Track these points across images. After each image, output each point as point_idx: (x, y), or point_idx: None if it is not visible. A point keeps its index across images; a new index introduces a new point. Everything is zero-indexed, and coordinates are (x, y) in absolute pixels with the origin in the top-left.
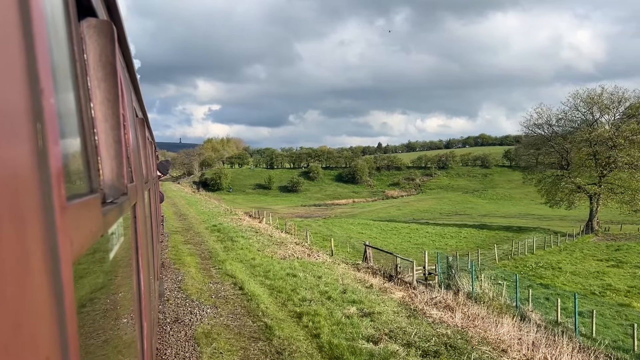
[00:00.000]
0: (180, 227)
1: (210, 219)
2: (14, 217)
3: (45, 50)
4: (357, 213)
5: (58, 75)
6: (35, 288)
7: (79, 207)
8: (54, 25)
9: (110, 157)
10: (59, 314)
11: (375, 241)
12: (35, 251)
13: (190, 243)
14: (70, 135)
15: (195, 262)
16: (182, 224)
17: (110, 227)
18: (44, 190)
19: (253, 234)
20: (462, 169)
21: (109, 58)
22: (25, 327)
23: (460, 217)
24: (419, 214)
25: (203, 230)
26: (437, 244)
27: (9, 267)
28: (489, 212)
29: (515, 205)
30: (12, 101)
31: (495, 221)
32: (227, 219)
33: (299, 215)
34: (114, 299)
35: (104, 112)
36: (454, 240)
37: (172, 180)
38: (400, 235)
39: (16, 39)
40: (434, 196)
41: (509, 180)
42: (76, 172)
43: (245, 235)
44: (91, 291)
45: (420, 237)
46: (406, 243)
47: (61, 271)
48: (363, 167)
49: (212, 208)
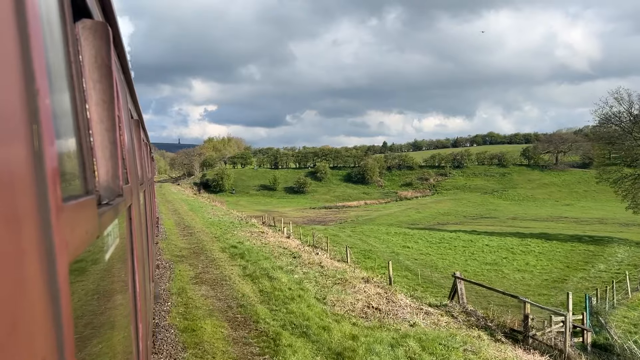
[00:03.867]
0: (186, 248)
1: (224, 233)
2: (10, 218)
3: (41, 52)
4: (375, 217)
5: (53, 76)
6: (32, 289)
7: (75, 208)
8: (50, 26)
9: (105, 159)
10: (55, 315)
11: (429, 258)
12: (31, 252)
13: (206, 283)
14: (66, 136)
15: (221, 337)
16: (189, 243)
17: (106, 228)
18: (40, 192)
19: (291, 260)
20: (478, 168)
21: (104, 59)
22: (21, 328)
23: (488, 221)
24: (441, 217)
25: (219, 253)
26: (516, 264)
27: (5, 268)
28: (517, 215)
29: (540, 206)
30: (8, 102)
31: (530, 225)
32: (244, 232)
33: (312, 220)
34: (110, 300)
35: (99, 114)
36: (531, 257)
37: (172, 181)
38: (457, 249)
39: (12, 40)
40: (451, 197)
41: (528, 180)
42: (72, 174)
43: (284, 266)
44: (87, 292)
45: (483, 251)
46: (473, 262)
47: (57, 272)
48: (373, 166)
49: (222, 215)
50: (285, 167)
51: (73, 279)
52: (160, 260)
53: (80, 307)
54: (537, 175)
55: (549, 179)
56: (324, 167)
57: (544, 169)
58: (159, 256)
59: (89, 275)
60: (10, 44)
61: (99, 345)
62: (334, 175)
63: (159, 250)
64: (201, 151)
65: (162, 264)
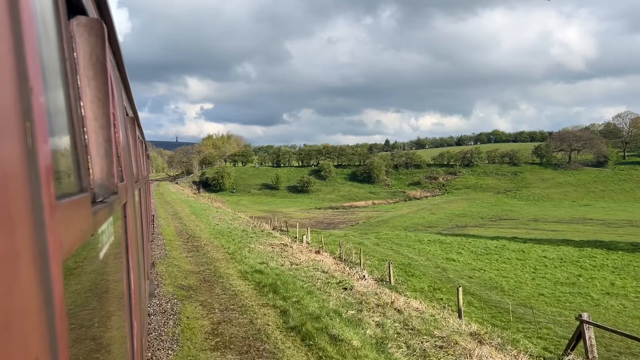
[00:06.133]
0: (193, 273)
1: (238, 247)
2: (3, 217)
3: (35, 49)
4: (387, 218)
5: (48, 73)
6: (25, 288)
7: (69, 206)
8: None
9: (100, 156)
10: (49, 313)
11: (486, 276)
12: (25, 250)
13: (231, 347)
14: (60, 134)
15: None
16: (196, 264)
17: (100, 226)
18: (34, 190)
19: (344, 296)
20: (489, 166)
21: (99, 56)
22: (14, 327)
23: (510, 223)
24: (457, 219)
25: (239, 282)
26: (599, 284)
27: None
28: (538, 217)
29: (557, 207)
30: (1, 100)
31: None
32: (263, 244)
33: (320, 222)
34: (104, 298)
35: (94, 111)
36: (607, 273)
37: (170, 180)
38: (511, 262)
39: (5, 37)
40: (463, 197)
41: (542, 179)
42: (66, 171)
43: (340, 307)
44: (81, 291)
45: (547, 266)
46: (543, 281)
47: (51, 271)
48: (380, 164)
49: (229, 221)
50: (288, 165)
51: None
52: (158, 293)
53: (74, 305)
54: (551, 174)
55: (564, 178)
56: (328, 165)
57: (557, 168)
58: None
59: (83, 273)
60: (4, 41)
61: (93, 343)
62: (338, 174)
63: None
64: (200, 149)
65: (162, 303)
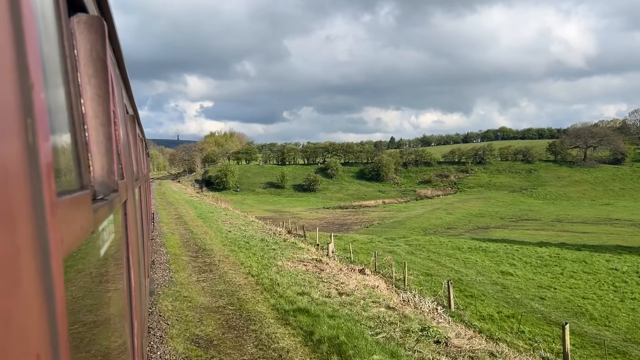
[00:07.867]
0: (210, 311)
1: (264, 268)
2: (4, 214)
3: (36, 46)
4: (403, 219)
5: (48, 71)
6: (26, 285)
7: (70, 203)
8: (44, 20)
9: (100, 154)
10: (50, 311)
11: (561, 296)
12: (26, 248)
13: None
14: (61, 131)
15: None
16: (212, 294)
17: (101, 224)
18: (34, 187)
19: (431, 347)
20: (502, 164)
21: (100, 54)
22: (15, 324)
23: (533, 224)
24: (476, 220)
25: (283, 338)
26: None
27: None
28: (560, 217)
29: (577, 206)
30: (2, 96)
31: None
32: (291, 261)
33: (330, 222)
34: (105, 296)
35: (94, 109)
36: None
37: (172, 178)
38: (578, 275)
39: (6, 34)
40: (477, 196)
41: (557, 177)
42: (66, 169)
43: None
44: (82, 288)
45: (626, 282)
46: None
47: (52, 268)
48: (389, 162)
49: (242, 226)
50: (294, 163)
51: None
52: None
53: (74, 303)
54: (566, 172)
55: (580, 176)
56: (335, 163)
57: (573, 165)
58: (160, 345)
59: (83, 270)
60: (5, 38)
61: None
62: (345, 172)
63: (159, 322)
64: (202, 146)
65: None
